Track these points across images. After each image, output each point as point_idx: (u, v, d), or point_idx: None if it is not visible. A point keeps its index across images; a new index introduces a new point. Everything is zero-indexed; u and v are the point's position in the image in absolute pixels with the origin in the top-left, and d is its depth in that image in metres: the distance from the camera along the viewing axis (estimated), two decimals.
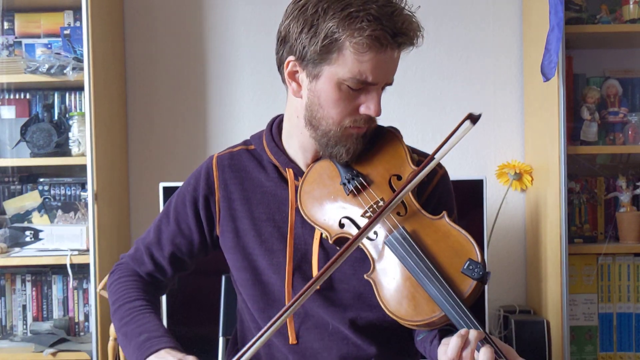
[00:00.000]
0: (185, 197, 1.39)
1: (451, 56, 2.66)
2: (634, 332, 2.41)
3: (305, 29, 1.19)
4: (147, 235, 1.43)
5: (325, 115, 1.23)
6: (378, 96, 1.22)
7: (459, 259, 1.14)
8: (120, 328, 1.32)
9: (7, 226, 2.49)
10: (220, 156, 1.39)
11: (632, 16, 2.37)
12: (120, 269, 1.44)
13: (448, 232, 1.18)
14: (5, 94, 2.56)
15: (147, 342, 1.25)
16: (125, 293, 1.37)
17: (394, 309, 1.15)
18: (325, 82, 1.21)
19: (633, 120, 2.45)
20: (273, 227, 1.32)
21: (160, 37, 2.70)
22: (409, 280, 1.15)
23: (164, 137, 2.70)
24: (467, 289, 1.12)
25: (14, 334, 2.52)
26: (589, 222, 2.50)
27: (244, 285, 1.35)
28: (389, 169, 1.28)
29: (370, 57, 1.17)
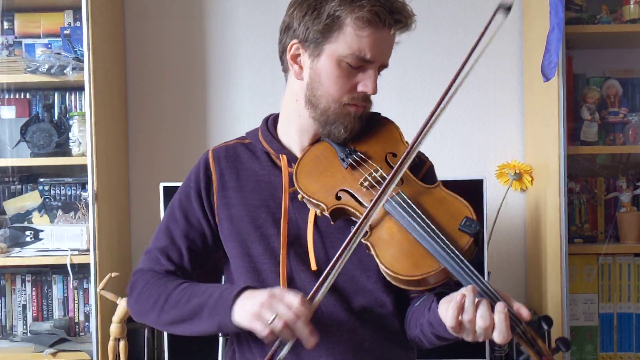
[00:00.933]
0: (189, 192, 1.41)
1: (451, 56, 2.66)
2: (635, 332, 2.41)
3: (309, 12, 1.28)
4: (157, 241, 1.42)
5: (325, 93, 1.29)
6: (375, 75, 1.30)
7: (455, 219, 1.20)
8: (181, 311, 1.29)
9: (7, 226, 2.50)
10: (216, 149, 1.45)
11: (632, 16, 2.37)
12: (142, 279, 1.39)
13: (444, 198, 1.25)
14: (5, 94, 2.56)
15: (224, 293, 1.24)
16: (164, 287, 1.34)
17: (393, 267, 1.18)
18: (326, 60, 1.28)
19: (633, 120, 2.45)
20: (267, 213, 1.35)
21: (160, 37, 2.70)
22: (408, 239, 1.19)
23: (164, 137, 2.70)
24: (465, 244, 1.17)
25: (14, 334, 2.52)
26: (589, 222, 2.50)
27: (240, 274, 1.37)
28: (385, 147, 1.35)
29: (369, 33, 1.25)
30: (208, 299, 1.26)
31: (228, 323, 1.22)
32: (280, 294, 1.18)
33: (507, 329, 1.08)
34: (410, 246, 1.18)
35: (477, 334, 1.10)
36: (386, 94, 2.67)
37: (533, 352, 1.09)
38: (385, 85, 2.64)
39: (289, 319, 1.14)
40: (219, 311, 1.23)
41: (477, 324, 1.09)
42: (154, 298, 1.33)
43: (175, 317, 1.30)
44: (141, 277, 1.40)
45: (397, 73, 2.67)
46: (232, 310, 1.21)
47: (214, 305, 1.24)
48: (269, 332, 1.15)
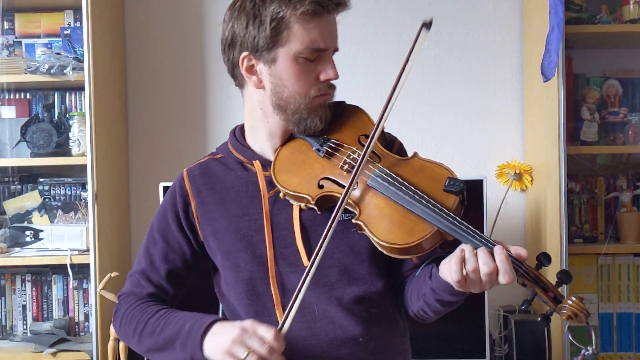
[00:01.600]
0: (166, 214, 1.42)
1: (451, 56, 2.66)
2: (634, 332, 2.41)
3: (249, 22, 1.28)
4: (137, 265, 1.44)
5: (291, 93, 1.30)
6: (332, 61, 1.32)
7: (438, 183, 1.23)
8: (157, 340, 1.31)
9: (7, 226, 2.50)
10: (190, 169, 1.45)
11: (632, 16, 2.37)
12: (124, 303, 1.42)
13: (422, 165, 1.29)
14: (6, 94, 2.56)
15: (195, 325, 1.25)
16: (142, 314, 1.36)
17: (387, 237, 1.20)
18: (283, 62, 1.29)
19: (633, 120, 2.45)
20: (249, 221, 1.35)
21: (160, 37, 2.70)
22: (396, 209, 1.22)
23: (164, 137, 2.70)
24: (452, 203, 1.20)
25: (14, 334, 2.52)
26: (589, 222, 2.50)
27: (231, 284, 1.37)
28: (356, 130, 1.37)
29: (316, 24, 1.27)
30: (180, 331, 1.27)
31: (200, 357, 1.23)
32: (251, 328, 1.19)
33: (510, 268, 1.13)
34: (400, 216, 1.21)
35: (483, 283, 1.14)
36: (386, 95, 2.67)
37: (539, 289, 1.16)
38: (385, 86, 2.65)
39: (263, 355, 1.15)
40: (190, 345, 1.24)
41: (481, 271, 1.12)
42: (133, 324, 1.36)
43: (151, 345, 1.33)
44: (123, 301, 1.42)
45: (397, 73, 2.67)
46: (203, 346, 1.22)
47: (185, 338, 1.25)
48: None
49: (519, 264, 1.15)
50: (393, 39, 2.67)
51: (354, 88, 2.61)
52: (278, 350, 1.16)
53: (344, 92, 1.43)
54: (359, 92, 2.62)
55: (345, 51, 1.35)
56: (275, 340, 1.16)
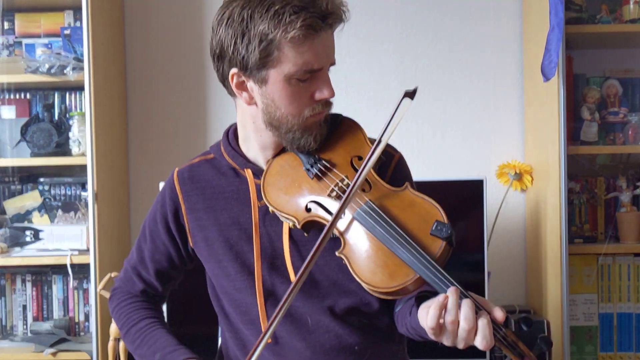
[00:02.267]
0: (156, 215, 1.42)
1: (451, 56, 2.66)
2: (634, 332, 2.41)
3: (237, 39, 1.20)
4: (131, 256, 1.48)
5: (284, 114, 1.24)
6: (328, 78, 1.25)
7: (426, 224, 1.17)
8: (135, 351, 1.39)
9: (8, 226, 2.50)
10: (180, 170, 1.43)
11: (632, 16, 2.37)
12: (117, 295, 1.48)
13: (413, 201, 1.22)
14: (6, 94, 2.56)
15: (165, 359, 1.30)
16: (128, 317, 1.42)
17: (369, 279, 1.16)
18: (274, 83, 1.22)
19: (633, 120, 2.45)
20: (239, 230, 1.33)
21: (160, 37, 2.70)
22: (381, 249, 1.17)
23: (164, 137, 2.70)
24: (438, 249, 1.14)
25: (14, 334, 2.52)
26: (589, 222, 2.50)
27: (222, 292, 1.37)
28: (349, 150, 1.31)
29: (308, 47, 1.19)
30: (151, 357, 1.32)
31: None
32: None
33: (490, 334, 1.05)
34: (384, 256, 1.16)
35: (458, 338, 1.08)
36: (386, 95, 2.67)
37: (514, 356, 1.08)
38: (386, 85, 2.65)
39: None
40: None
41: (460, 326, 1.06)
42: (120, 323, 1.43)
43: (131, 349, 1.40)
44: (115, 296, 1.48)
45: (398, 75, 2.67)
46: None
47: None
48: None
49: (498, 328, 1.07)
50: (392, 51, 2.66)
51: (350, 102, 2.58)
52: None
53: (340, 106, 1.38)
54: (356, 106, 2.58)
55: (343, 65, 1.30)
56: None
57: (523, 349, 1.08)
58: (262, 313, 1.30)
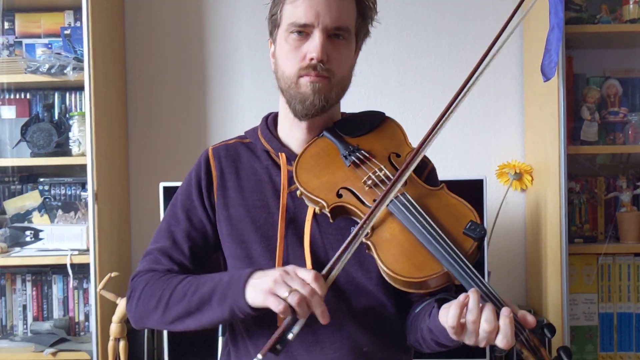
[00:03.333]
0: (190, 191, 1.40)
1: (451, 55, 2.66)
2: (634, 332, 2.41)
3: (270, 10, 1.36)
4: (156, 243, 1.39)
5: (282, 72, 1.33)
6: (320, 39, 1.29)
7: (459, 223, 1.18)
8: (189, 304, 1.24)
9: (8, 226, 2.50)
10: (216, 147, 1.44)
11: (632, 16, 2.37)
12: (142, 280, 1.34)
13: (448, 201, 1.24)
14: (6, 94, 2.56)
15: (234, 277, 1.21)
16: (167, 284, 1.29)
17: (394, 267, 1.15)
18: (279, 42, 1.34)
19: (633, 120, 2.45)
20: (267, 214, 1.34)
21: (160, 37, 2.70)
22: (410, 240, 1.17)
23: (164, 137, 2.70)
24: (469, 248, 1.15)
25: (14, 334, 2.52)
26: (589, 222, 2.50)
27: None
28: (388, 147, 1.34)
29: (301, 2, 1.29)
30: (217, 285, 1.22)
31: (241, 305, 1.18)
32: (292, 269, 1.15)
33: (511, 334, 1.05)
34: (412, 248, 1.16)
35: (480, 338, 1.08)
36: (387, 95, 2.67)
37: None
38: (386, 85, 2.66)
39: (306, 294, 1.11)
40: (231, 294, 1.19)
41: (481, 327, 1.06)
42: (157, 296, 1.29)
43: (181, 311, 1.26)
44: (141, 278, 1.34)
45: (398, 74, 2.67)
46: (245, 291, 1.17)
47: (224, 290, 1.20)
48: (284, 307, 1.11)
49: (521, 330, 1.08)
50: (394, 46, 2.67)
51: (350, 100, 2.58)
52: (319, 292, 1.12)
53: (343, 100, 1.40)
54: (356, 104, 2.59)
55: None
56: (315, 281, 1.12)
57: (544, 355, 1.08)
58: None
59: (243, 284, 1.18)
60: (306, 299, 1.11)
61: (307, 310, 1.12)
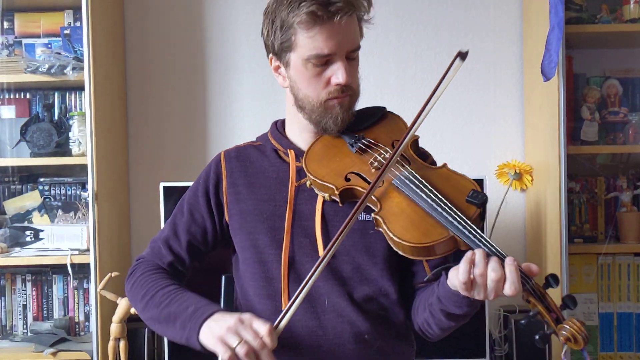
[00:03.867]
0: (197, 190, 1.48)
1: (451, 56, 2.65)
2: (635, 332, 2.41)
3: (269, 26, 1.36)
4: (162, 232, 1.50)
5: (305, 95, 1.36)
6: (343, 65, 1.32)
7: (462, 193, 1.24)
8: (161, 312, 1.33)
9: (8, 226, 2.50)
10: (227, 151, 1.52)
11: (632, 16, 2.37)
12: (142, 266, 1.46)
13: (450, 176, 1.31)
14: (6, 94, 2.56)
15: (197, 311, 1.26)
16: (154, 283, 1.39)
17: (404, 236, 1.21)
18: (295, 67, 1.35)
19: (633, 120, 2.45)
20: (274, 206, 1.40)
21: (160, 37, 2.70)
22: (417, 211, 1.23)
23: (164, 137, 2.70)
24: (473, 213, 1.21)
25: (14, 334, 2.52)
26: (589, 222, 2.50)
27: (247, 264, 1.40)
28: (391, 135, 1.41)
29: (317, 32, 1.29)
30: (184, 311, 1.28)
31: (193, 341, 1.24)
32: (249, 320, 1.19)
33: (518, 279, 1.11)
34: (419, 217, 1.22)
35: (488, 289, 1.13)
36: (388, 94, 2.67)
37: (542, 307, 1.14)
38: (385, 85, 2.65)
39: (256, 347, 1.15)
40: (189, 327, 1.25)
41: (488, 277, 1.11)
42: (143, 291, 1.38)
43: (154, 315, 1.35)
44: (141, 265, 1.46)
45: (398, 73, 2.67)
46: (199, 330, 1.23)
47: (186, 319, 1.26)
48: (230, 357, 1.15)
49: (527, 279, 1.15)
50: (393, 40, 2.67)
51: None
52: (269, 346, 1.16)
53: None
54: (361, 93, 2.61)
55: None
56: (268, 335, 1.16)
57: (551, 303, 1.14)
58: (284, 286, 1.35)
59: (201, 322, 1.24)
60: (255, 351, 1.15)
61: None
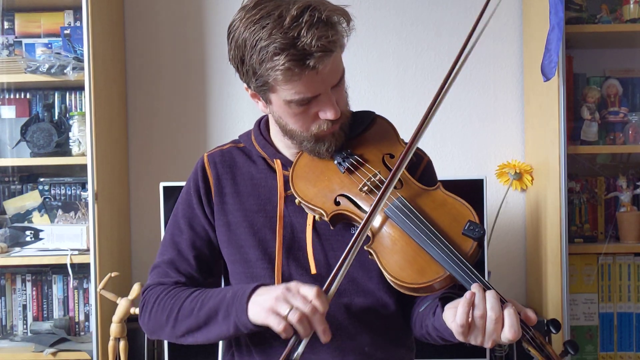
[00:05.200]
0: (191, 200, 1.40)
1: (451, 56, 2.66)
2: (635, 332, 2.41)
3: (239, 64, 1.23)
4: (162, 255, 1.39)
5: (292, 128, 1.28)
6: (329, 100, 1.23)
7: (458, 223, 1.17)
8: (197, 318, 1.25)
9: (8, 226, 2.49)
10: (211, 154, 1.42)
11: (632, 16, 2.37)
12: (153, 293, 1.34)
13: (445, 200, 1.22)
14: (6, 94, 2.56)
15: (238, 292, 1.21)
16: (176, 299, 1.30)
17: (397, 274, 1.16)
18: (277, 105, 1.26)
19: (633, 120, 2.45)
20: (264, 218, 1.34)
21: (160, 37, 2.70)
22: (411, 245, 1.17)
23: (164, 137, 2.70)
24: (469, 249, 1.15)
25: (14, 334, 2.52)
26: (589, 222, 2.50)
27: (239, 279, 1.36)
28: (381, 148, 1.32)
29: (296, 83, 1.18)
30: (222, 301, 1.23)
31: (244, 322, 1.18)
32: (295, 287, 1.15)
33: (517, 323, 1.06)
34: (413, 252, 1.16)
35: (487, 333, 1.08)
36: (388, 94, 2.67)
37: (542, 358, 1.09)
38: (386, 85, 2.65)
39: (307, 312, 1.11)
40: (234, 311, 1.19)
41: (487, 317, 1.07)
42: (167, 310, 1.29)
43: (191, 325, 1.27)
44: (152, 292, 1.35)
45: (398, 72, 2.67)
46: (247, 308, 1.17)
47: (228, 306, 1.21)
48: (285, 326, 1.11)
49: (527, 329, 1.09)
50: (392, 39, 2.67)
51: (353, 89, 2.60)
52: (321, 310, 1.11)
53: None
54: (356, 99, 2.59)
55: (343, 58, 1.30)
56: (317, 298, 1.11)
57: (551, 352, 1.09)
58: None
59: (246, 300, 1.18)
60: (307, 316, 1.11)
61: (308, 329, 1.12)
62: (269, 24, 1.15)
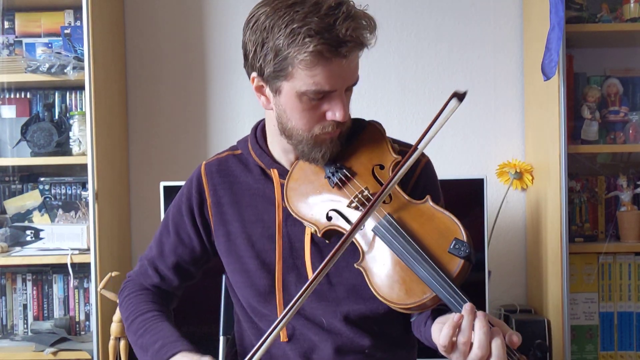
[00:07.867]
0: (181, 207, 1.42)
1: (452, 55, 2.66)
2: (635, 331, 2.41)
3: (257, 47, 1.21)
4: (150, 250, 1.47)
5: (294, 126, 1.25)
6: (342, 101, 1.22)
7: (445, 240, 1.16)
8: (136, 341, 1.35)
9: (8, 225, 2.50)
10: (208, 163, 1.42)
11: (632, 15, 2.37)
12: (128, 286, 1.47)
13: (432, 215, 1.20)
14: (6, 94, 2.56)
15: (163, 348, 1.28)
16: (135, 307, 1.40)
17: (386, 294, 1.16)
18: (287, 96, 1.22)
19: (634, 119, 2.45)
20: (263, 228, 1.34)
21: (160, 37, 2.70)
22: (399, 264, 1.17)
23: (164, 137, 2.70)
24: (455, 268, 1.13)
25: (14, 334, 2.52)
26: (590, 221, 2.50)
27: (239, 287, 1.37)
28: (371, 159, 1.30)
29: (320, 70, 1.17)
30: (152, 345, 1.31)
31: None
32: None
33: (504, 355, 1.04)
34: (401, 272, 1.16)
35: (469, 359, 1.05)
36: (388, 93, 2.67)
37: None
38: (386, 84, 2.65)
39: None
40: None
41: (472, 352, 1.04)
42: (127, 313, 1.41)
43: (132, 340, 1.38)
44: (128, 285, 1.48)
45: (398, 70, 2.67)
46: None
47: (154, 355, 1.29)
48: None
49: (512, 354, 1.06)
50: (394, 37, 2.67)
51: (353, 96, 2.59)
52: None
53: None
54: (356, 105, 2.58)
55: None
56: None
57: None
58: (279, 309, 1.31)
59: None
60: None
61: None
62: (303, 9, 1.15)
